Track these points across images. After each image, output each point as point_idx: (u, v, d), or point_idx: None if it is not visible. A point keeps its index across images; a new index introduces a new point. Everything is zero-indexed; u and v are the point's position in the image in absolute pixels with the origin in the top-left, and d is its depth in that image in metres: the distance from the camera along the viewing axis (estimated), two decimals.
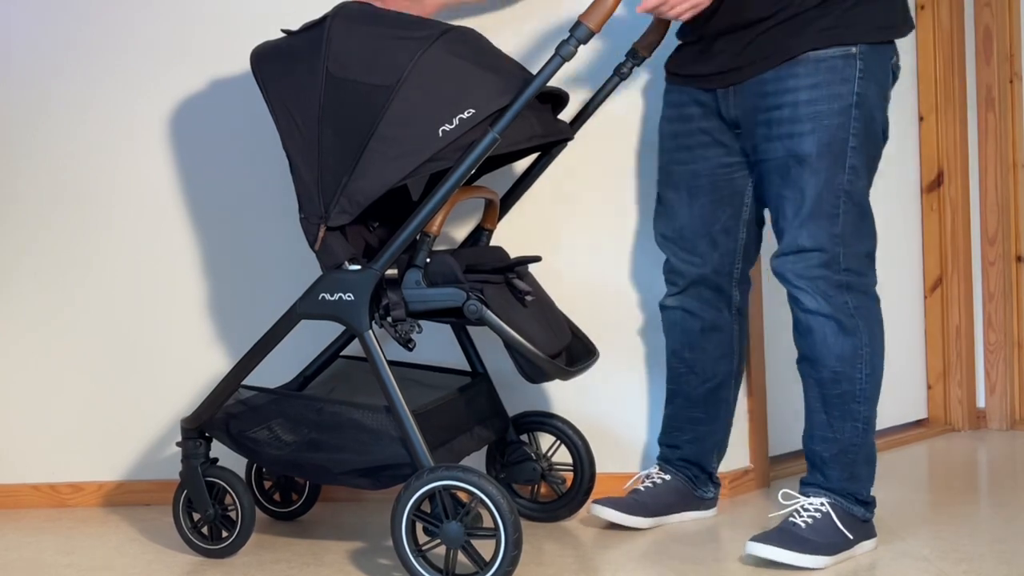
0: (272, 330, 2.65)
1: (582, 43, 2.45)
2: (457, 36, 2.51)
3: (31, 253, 3.20)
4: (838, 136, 2.54)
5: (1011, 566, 2.55)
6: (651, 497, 2.89)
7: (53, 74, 3.16)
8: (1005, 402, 3.75)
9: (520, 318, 2.58)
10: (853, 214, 2.57)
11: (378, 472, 2.57)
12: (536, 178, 2.80)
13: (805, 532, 2.59)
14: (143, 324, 3.19)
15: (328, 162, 2.48)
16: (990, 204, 3.71)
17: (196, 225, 3.14)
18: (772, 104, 2.58)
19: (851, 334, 2.60)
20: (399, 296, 2.53)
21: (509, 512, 2.42)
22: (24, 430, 3.22)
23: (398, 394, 2.51)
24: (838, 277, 2.57)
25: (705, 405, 2.89)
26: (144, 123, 3.15)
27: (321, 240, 2.51)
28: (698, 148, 2.73)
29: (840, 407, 2.63)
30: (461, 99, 2.42)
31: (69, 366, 3.21)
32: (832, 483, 2.65)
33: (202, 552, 2.77)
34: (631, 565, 2.67)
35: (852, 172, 2.56)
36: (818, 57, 2.53)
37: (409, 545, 2.48)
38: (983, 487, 3.31)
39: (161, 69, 3.13)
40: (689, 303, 2.83)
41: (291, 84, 2.52)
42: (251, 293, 3.16)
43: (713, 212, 2.75)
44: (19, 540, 2.98)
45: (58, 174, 3.18)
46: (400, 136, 2.43)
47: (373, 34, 2.49)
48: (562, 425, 2.97)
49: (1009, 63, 3.68)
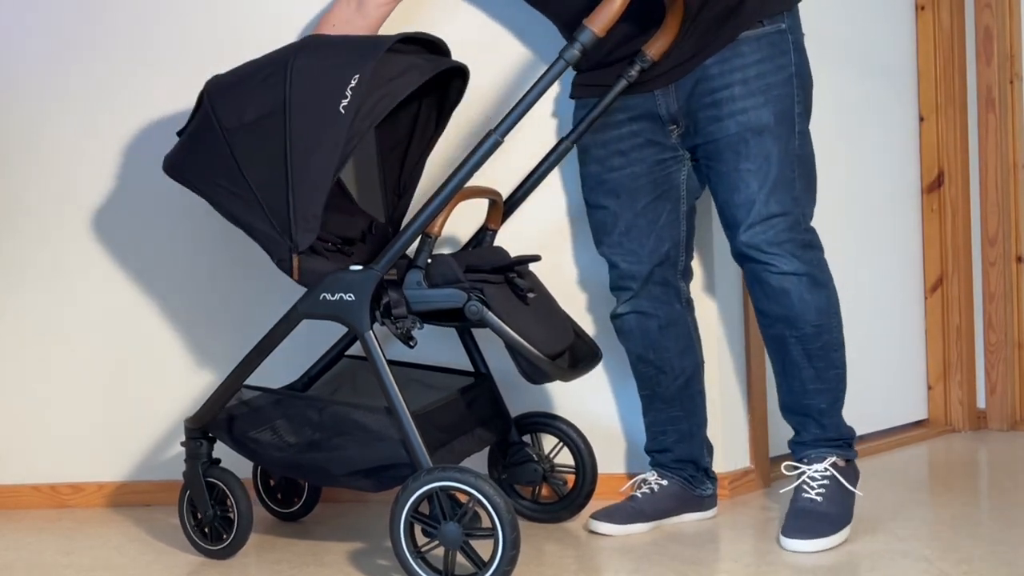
0: (273, 330, 2.66)
1: (587, 47, 2.48)
2: (308, 42, 2.61)
3: (34, 256, 3.20)
4: (787, 104, 2.67)
5: (1011, 567, 2.55)
6: (649, 503, 2.89)
7: (58, 80, 3.17)
8: (1005, 403, 3.75)
9: (522, 318, 2.59)
10: (805, 177, 2.71)
11: (380, 473, 2.57)
12: (542, 179, 2.80)
13: (823, 507, 2.72)
14: (143, 326, 3.20)
15: (271, 201, 2.53)
16: (990, 204, 3.71)
17: (197, 227, 3.14)
18: (719, 85, 2.67)
19: (823, 286, 2.71)
20: (400, 295, 2.54)
21: (507, 512, 2.42)
22: (24, 431, 3.22)
23: (398, 394, 2.52)
24: (802, 236, 2.69)
25: (681, 402, 2.90)
26: (149, 128, 3.15)
27: (298, 269, 2.55)
28: (632, 151, 2.78)
29: (823, 358, 2.74)
30: (341, 73, 2.48)
31: (70, 368, 3.21)
32: (830, 431, 2.78)
33: (203, 552, 2.77)
34: (631, 566, 2.67)
35: (801, 136, 2.69)
36: (757, 35, 2.66)
37: (408, 546, 2.48)
38: (983, 488, 3.31)
39: (166, 75, 3.13)
40: (642, 304, 2.85)
41: (202, 162, 2.61)
42: (252, 295, 3.16)
43: (655, 209, 2.80)
44: (19, 540, 2.98)
45: (63, 178, 3.18)
46: (312, 137, 2.48)
47: (244, 84, 2.57)
48: (564, 427, 2.97)
49: (1009, 63, 3.67)
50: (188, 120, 2.67)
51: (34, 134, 3.19)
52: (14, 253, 3.20)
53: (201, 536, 2.78)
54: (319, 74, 2.50)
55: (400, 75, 2.55)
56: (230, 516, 2.76)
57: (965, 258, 3.73)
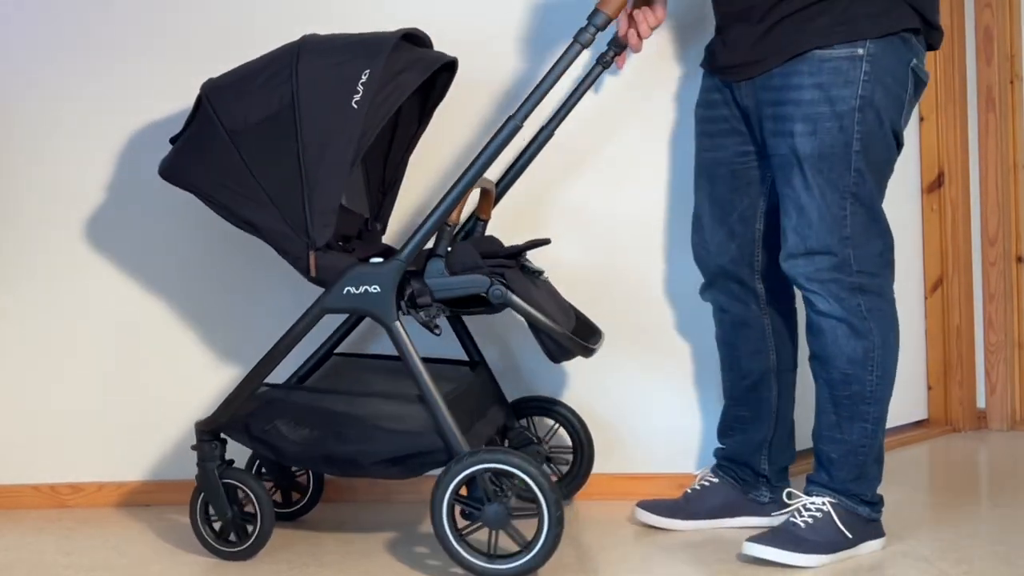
0: (295, 327, 2.66)
1: (600, 30, 2.53)
2: (308, 41, 2.61)
3: (35, 254, 3.20)
4: (840, 139, 2.51)
5: (1012, 566, 2.56)
6: (696, 500, 2.86)
7: (59, 76, 3.17)
8: (1006, 402, 3.75)
9: (541, 299, 2.65)
10: (862, 215, 2.55)
11: (408, 460, 2.60)
12: (526, 166, 2.82)
13: (804, 532, 2.59)
14: (144, 326, 3.20)
15: (284, 200, 2.55)
16: (991, 205, 3.71)
17: (199, 227, 3.13)
18: (778, 99, 2.55)
19: (863, 337, 2.58)
20: (423, 284, 2.57)
21: (551, 491, 2.48)
22: (24, 431, 3.22)
23: (430, 383, 2.56)
24: (851, 279, 2.55)
25: (747, 404, 2.83)
26: (153, 124, 3.14)
27: (315, 265, 2.56)
28: (719, 136, 2.71)
29: (849, 408, 2.61)
30: (351, 70, 2.52)
31: (70, 367, 3.21)
32: (837, 483, 2.63)
33: (220, 555, 2.75)
34: (631, 565, 2.67)
35: (858, 174, 2.53)
36: (823, 56, 2.50)
37: (450, 529, 2.51)
38: (983, 488, 3.31)
39: (169, 71, 3.14)
40: (718, 298, 2.81)
41: (206, 165, 2.62)
42: (256, 295, 3.17)
43: (731, 201, 2.72)
44: (19, 540, 2.98)
45: (65, 178, 3.18)
46: (325, 134, 2.51)
47: (244, 86, 2.59)
48: (563, 410, 3.02)
49: (1010, 64, 3.68)
50: (185, 125, 2.68)
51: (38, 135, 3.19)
52: (12, 252, 3.20)
53: (216, 538, 2.76)
54: (327, 71, 2.53)
55: (406, 69, 2.59)
56: (250, 515, 2.74)
57: (965, 258, 3.73)
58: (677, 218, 3.04)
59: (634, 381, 3.12)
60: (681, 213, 3.00)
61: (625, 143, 3.09)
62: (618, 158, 3.09)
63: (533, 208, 3.08)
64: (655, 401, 3.13)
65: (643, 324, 3.11)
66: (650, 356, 3.11)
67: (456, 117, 2.98)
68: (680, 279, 3.06)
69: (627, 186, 3.10)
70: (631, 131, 3.09)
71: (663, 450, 3.12)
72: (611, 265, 3.11)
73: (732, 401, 2.86)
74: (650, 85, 3.05)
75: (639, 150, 3.08)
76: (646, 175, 3.08)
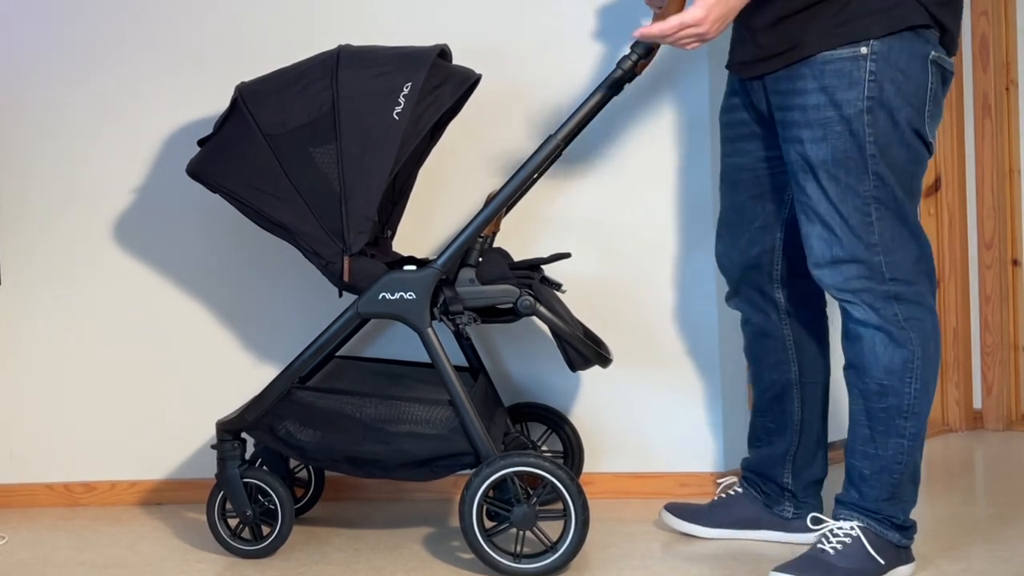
0: (329, 329, 2.69)
1: (641, 57, 2.56)
2: (346, 52, 2.64)
3: (47, 255, 3.21)
4: (852, 144, 2.36)
5: (1008, 565, 2.57)
6: (721, 509, 2.81)
7: (68, 80, 3.17)
8: (1001, 403, 3.77)
9: (563, 310, 2.71)
10: (889, 220, 2.40)
11: (434, 463, 2.64)
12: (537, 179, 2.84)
13: (833, 558, 2.46)
14: (157, 326, 3.21)
15: (321, 205, 2.59)
16: (987, 209, 3.72)
17: (212, 227, 3.15)
18: (785, 104, 2.43)
19: (902, 346, 2.43)
20: (455, 293, 2.62)
21: (579, 494, 2.55)
22: (38, 430, 3.23)
23: (459, 387, 2.61)
24: (884, 288, 2.41)
25: (772, 414, 2.75)
26: (162, 128, 3.16)
27: (349, 270, 2.60)
28: (738, 140, 2.62)
29: (885, 422, 2.46)
30: (393, 81, 2.57)
31: (83, 367, 3.22)
32: (868, 502, 2.49)
33: (238, 553, 2.76)
34: (632, 565, 2.70)
35: (877, 178, 2.37)
36: (824, 59, 2.36)
37: (479, 529, 2.57)
38: (980, 487, 3.31)
39: (178, 75, 3.15)
40: (742, 306, 2.73)
41: (240, 167, 2.64)
42: (264, 296, 3.18)
43: (753, 208, 2.62)
44: (33, 538, 3.00)
45: (79, 177, 3.19)
46: (366, 143, 2.55)
47: (284, 92, 2.62)
48: (553, 415, 3.08)
49: (1006, 71, 3.69)
50: (217, 126, 2.70)
51: (50, 133, 3.19)
52: (27, 252, 3.20)
53: (234, 536, 2.78)
54: (368, 82, 2.58)
55: (443, 83, 2.64)
56: (269, 514, 2.75)
57: (962, 261, 3.74)
58: (687, 226, 3.06)
59: (634, 381, 3.14)
60: (691, 221, 3.03)
61: (632, 151, 3.10)
62: (627, 167, 3.10)
63: (538, 216, 3.10)
64: (656, 402, 3.14)
65: (643, 324, 3.13)
66: (653, 357, 3.13)
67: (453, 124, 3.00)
68: (690, 284, 3.09)
69: (635, 196, 3.11)
70: (640, 139, 3.10)
71: (664, 449, 3.15)
72: (620, 276, 3.13)
73: (758, 412, 2.78)
74: (660, 90, 3.07)
75: (647, 159, 3.10)
76: (655, 184, 3.10)
